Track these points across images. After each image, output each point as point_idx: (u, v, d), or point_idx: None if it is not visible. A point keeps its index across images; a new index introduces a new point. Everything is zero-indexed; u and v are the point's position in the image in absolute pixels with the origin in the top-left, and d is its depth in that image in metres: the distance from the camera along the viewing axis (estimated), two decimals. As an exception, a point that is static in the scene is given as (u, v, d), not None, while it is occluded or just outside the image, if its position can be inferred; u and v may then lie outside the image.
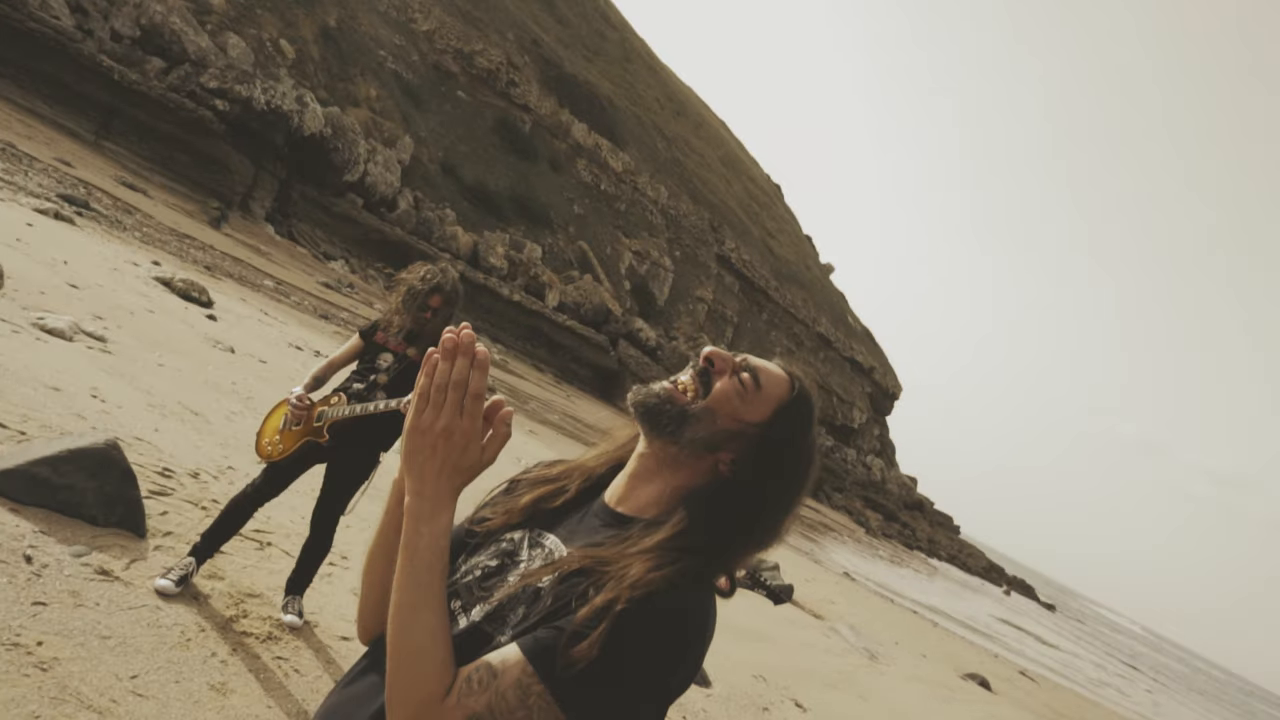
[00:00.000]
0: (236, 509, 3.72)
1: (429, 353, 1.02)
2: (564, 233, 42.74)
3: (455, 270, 3.96)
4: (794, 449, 1.17)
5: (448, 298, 3.76)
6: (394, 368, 3.76)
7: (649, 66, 61.49)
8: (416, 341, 3.77)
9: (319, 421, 3.68)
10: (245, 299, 13.35)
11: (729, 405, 1.15)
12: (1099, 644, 59.68)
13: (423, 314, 3.71)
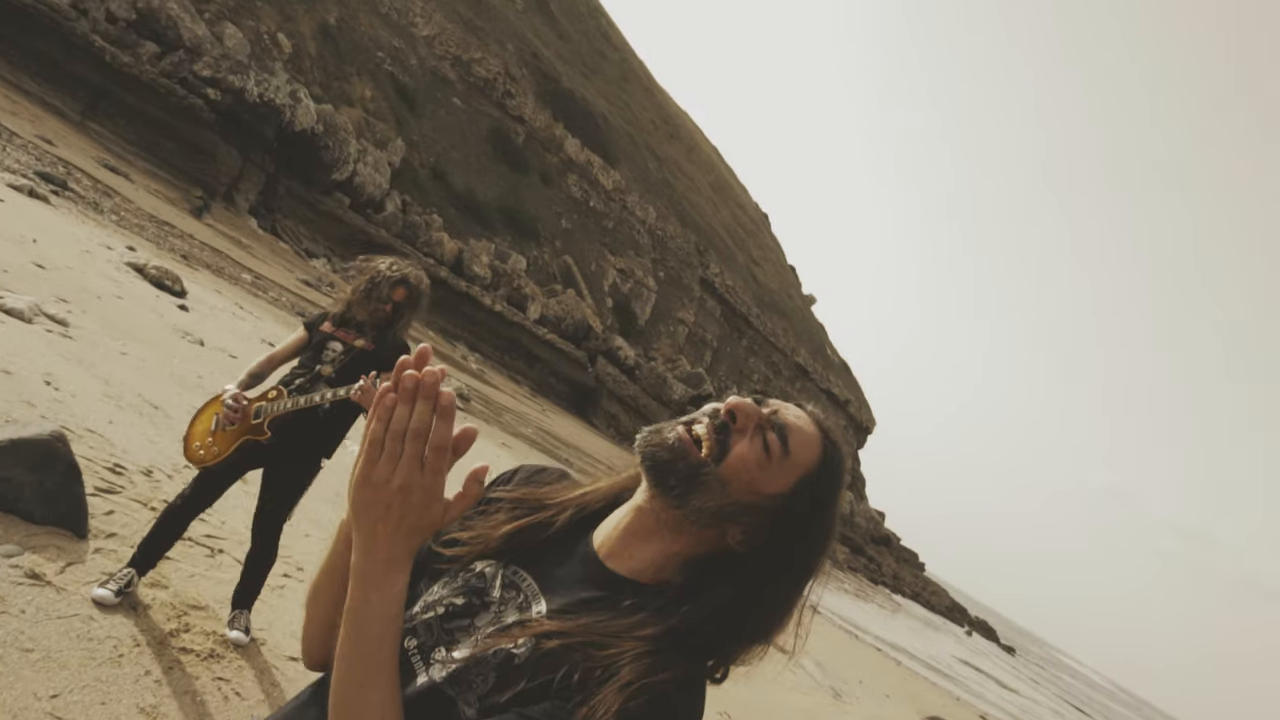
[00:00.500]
0: (169, 520, 3.43)
1: (382, 389, 0.84)
2: (550, 246, 42.61)
3: (423, 270, 3.64)
4: (817, 524, 1.00)
5: (412, 294, 3.47)
6: (340, 358, 3.45)
7: (646, 88, 61.76)
8: (364, 331, 3.47)
9: (258, 418, 3.36)
10: (221, 291, 13.05)
11: (747, 474, 0.98)
12: (1057, 690, 59.81)
13: (383, 306, 3.41)
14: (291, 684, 3.41)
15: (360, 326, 3.48)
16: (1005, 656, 63.78)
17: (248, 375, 3.52)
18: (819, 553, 1.01)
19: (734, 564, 0.98)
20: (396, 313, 3.46)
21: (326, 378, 3.42)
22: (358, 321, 3.48)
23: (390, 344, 3.51)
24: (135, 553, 3.36)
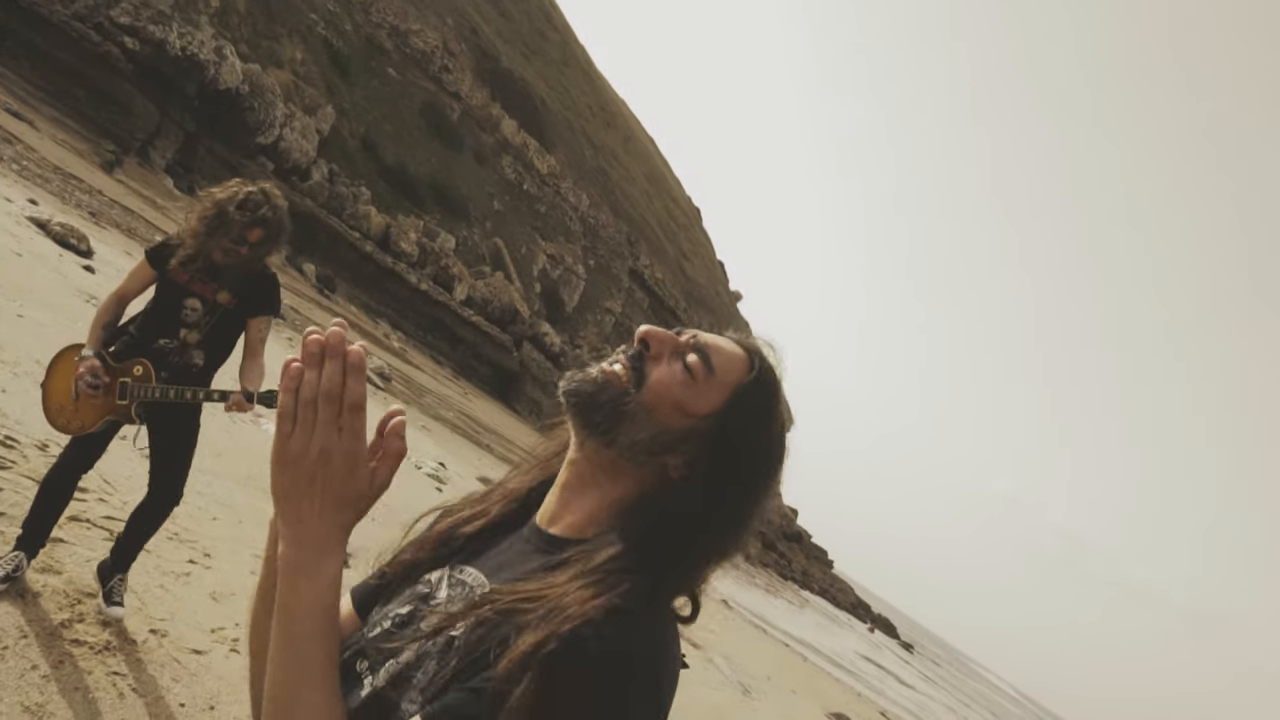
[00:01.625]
0: (49, 489, 3.16)
1: (286, 362, 0.77)
2: (480, 227, 41.97)
3: (282, 197, 3.22)
4: (758, 437, 0.94)
5: (271, 232, 3.09)
6: (205, 320, 3.13)
7: (586, 73, 61.32)
8: (222, 279, 3.11)
9: (124, 399, 3.06)
10: (130, 253, 12.41)
11: (671, 397, 0.92)
12: (953, 688, 62.11)
13: (237, 247, 3.03)
14: (195, 679, 3.22)
15: (218, 273, 3.11)
16: (904, 653, 65.96)
17: (100, 328, 3.16)
18: (768, 463, 0.94)
19: (682, 494, 0.90)
20: (254, 254, 3.09)
21: (195, 345, 3.14)
22: (214, 265, 3.09)
23: (256, 289, 3.18)
24: (20, 533, 3.11)
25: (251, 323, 3.20)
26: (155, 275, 3.18)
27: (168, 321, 3.15)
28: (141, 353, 3.14)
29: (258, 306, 3.20)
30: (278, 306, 3.28)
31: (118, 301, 3.22)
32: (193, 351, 3.17)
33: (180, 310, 3.14)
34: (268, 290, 3.25)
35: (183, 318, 3.15)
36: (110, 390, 3.10)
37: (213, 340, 3.19)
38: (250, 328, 3.21)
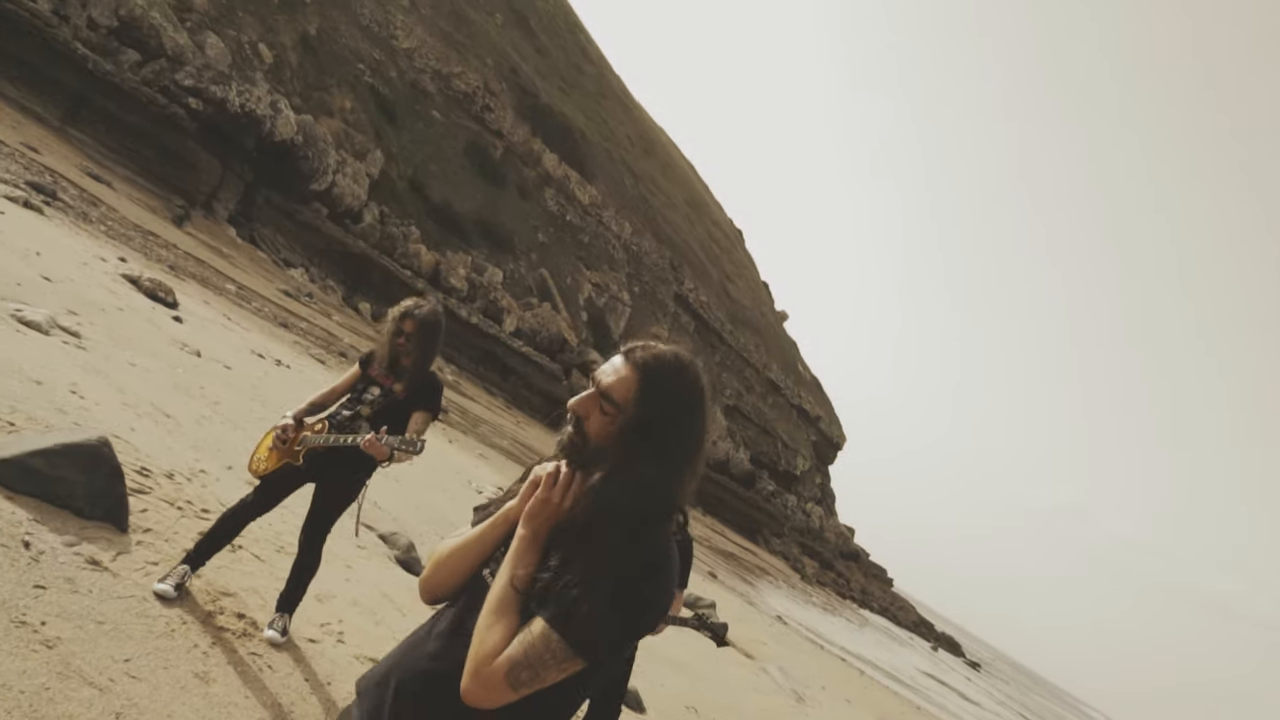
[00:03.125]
0: (229, 521, 3.92)
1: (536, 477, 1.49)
2: (526, 259, 43.04)
3: (438, 304, 4.13)
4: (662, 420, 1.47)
5: (420, 324, 3.88)
6: (378, 400, 3.93)
7: (623, 103, 62.50)
8: (396, 370, 3.93)
9: (300, 446, 3.89)
10: (208, 302, 13.39)
11: (604, 433, 1.47)
12: (1022, 707, 60.74)
13: (397, 339, 3.87)
14: (312, 660, 3.87)
15: (401, 372, 3.93)
16: (971, 672, 64.70)
17: (309, 404, 4.07)
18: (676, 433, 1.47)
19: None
20: (411, 343, 3.87)
21: (366, 418, 3.90)
22: (400, 366, 3.93)
23: (424, 389, 3.97)
24: (191, 550, 3.81)
25: (414, 415, 3.92)
26: (360, 374, 4.03)
27: (353, 402, 3.99)
28: (328, 417, 3.97)
29: (421, 402, 3.95)
30: (438, 408, 4.03)
31: (330, 392, 4.10)
32: (362, 423, 3.89)
33: (364, 393, 3.98)
34: (433, 393, 4.01)
35: (363, 398, 3.98)
36: (291, 444, 3.92)
37: (381, 419, 3.88)
38: (413, 419, 3.92)
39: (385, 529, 6.80)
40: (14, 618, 2.84)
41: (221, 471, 5.74)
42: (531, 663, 1.34)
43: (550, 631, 1.35)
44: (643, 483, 1.43)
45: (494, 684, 1.34)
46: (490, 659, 1.34)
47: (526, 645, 1.35)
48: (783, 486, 61.96)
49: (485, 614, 1.39)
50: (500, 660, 1.34)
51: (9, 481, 3.71)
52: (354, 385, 4.03)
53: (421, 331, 3.91)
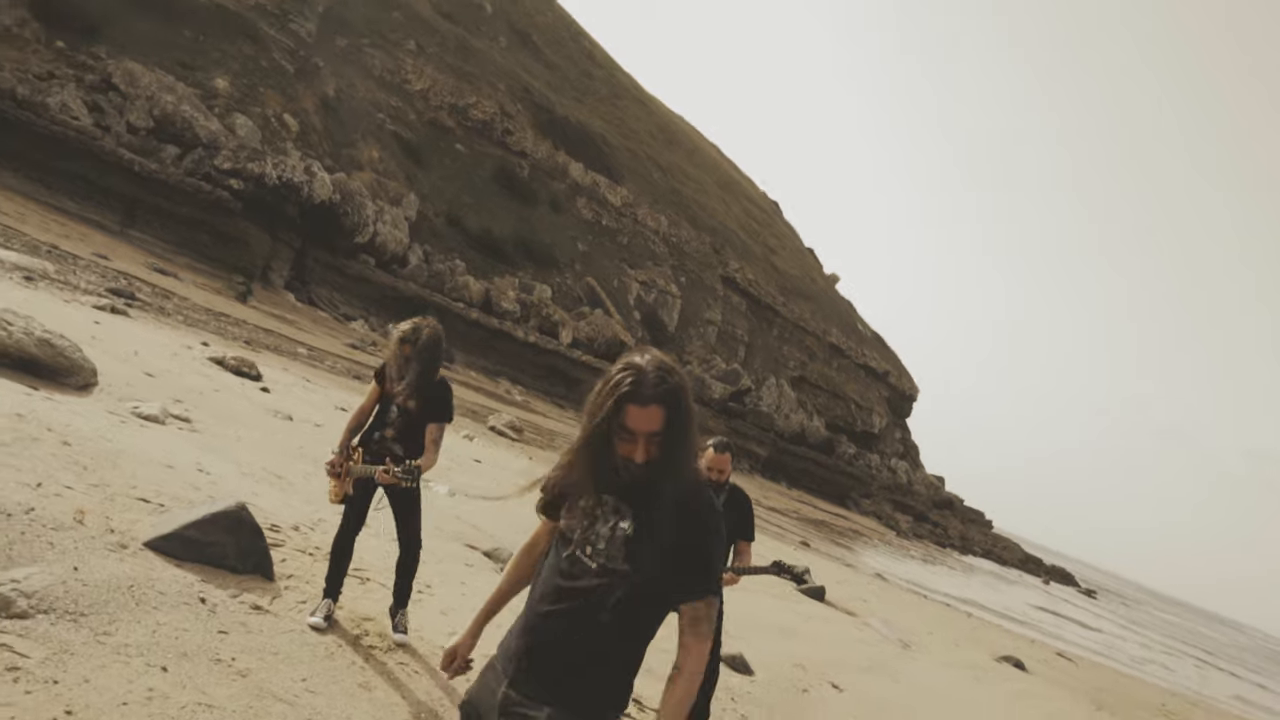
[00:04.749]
0: (337, 546, 4.53)
1: None
2: (571, 271, 43.79)
3: (432, 323, 4.56)
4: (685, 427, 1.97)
5: (418, 347, 4.36)
6: (399, 420, 4.44)
7: (638, 100, 62.87)
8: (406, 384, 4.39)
9: (348, 476, 4.48)
10: (286, 368, 14.27)
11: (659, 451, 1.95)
12: (1145, 626, 59.36)
13: (400, 360, 4.38)
14: (451, 664, 4.45)
15: (407, 387, 4.40)
16: (1087, 600, 63.44)
17: (346, 432, 4.63)
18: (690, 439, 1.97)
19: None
20: (413, 363, 4.36)
21: (392, 439, 4.46)
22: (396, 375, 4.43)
23: (434, 399, 4.45)
24: (325, 586, 4.43)
25: (428, 426, 4.47)
26: (379, 391, 4.58)
27: (380, 422, 4.55)
28: (366, 444, 4.52)
29: (433, 414, 4.48)
30: (448, 414, 4.56)
31: (359, 413, 4.68)
32: (391, 444, 4.48)
33: (387, 414, 4.53)
34: (442, 403, 4.53)
35: (386, 419, 4.53)
36: (345, 472, 4.50)
37: (406, 435, 4.47)
38: (427, 431, 4.47)
39: (487, 546, 7.41)
40: (212, 657, 3.47)
41: (336, 518, 6.39)
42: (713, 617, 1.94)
43: (711, 599, 1.91)
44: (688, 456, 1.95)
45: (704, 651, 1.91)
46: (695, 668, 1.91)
47: (709, 616, 1.91)
48: (863, 447, 61.63)
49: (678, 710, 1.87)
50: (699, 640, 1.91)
51: (174, 552, 4.38)
52: (378, 403, 4.53)
53: (424, 352, 4.40)
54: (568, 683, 1.89)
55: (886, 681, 8.64)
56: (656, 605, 1.94)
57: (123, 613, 3.57)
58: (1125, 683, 19.58)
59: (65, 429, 5.60)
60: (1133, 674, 23.42)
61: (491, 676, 2.03)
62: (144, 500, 4.99)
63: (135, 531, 4.44)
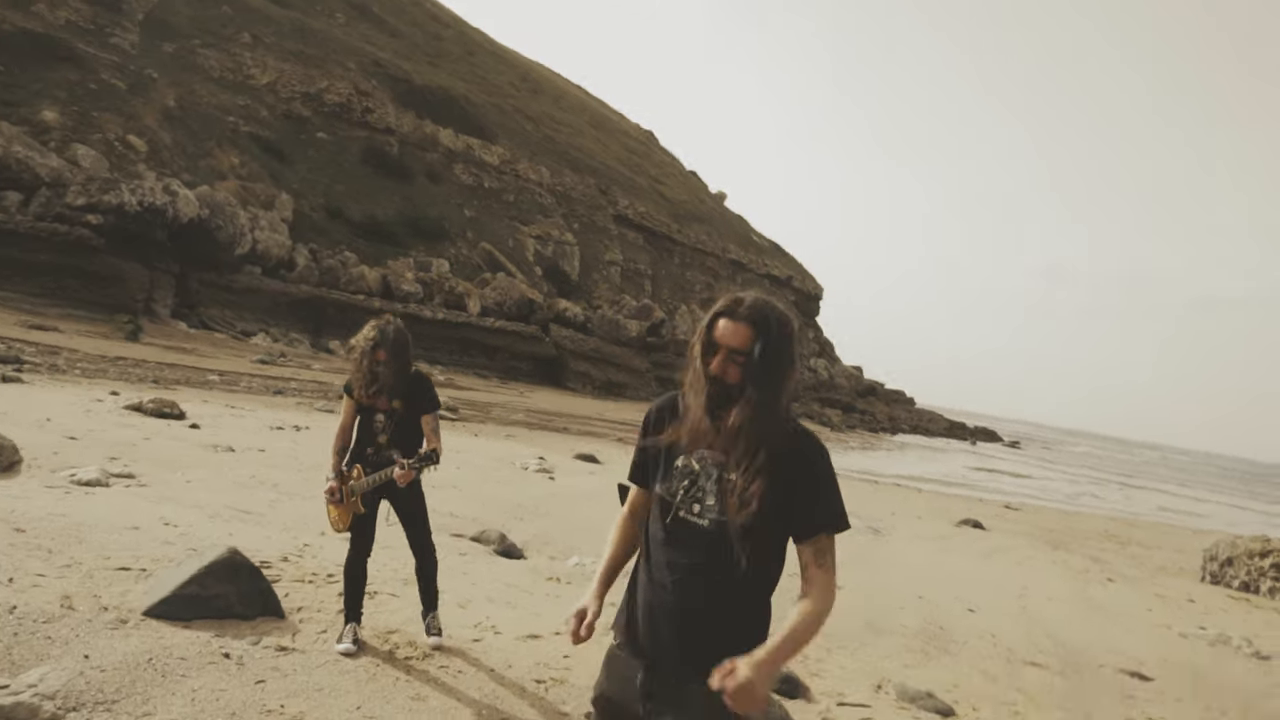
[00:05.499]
0: (350, 573, 4.41)
1: None
2: (464, 240, 42.90)
3: (395, 321, 4.45)
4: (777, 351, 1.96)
5: (391, 348, 4.27)
6: (389, 425, 4.33)
7: (493, 54, 61.21)
8: (391, 392, 4.28)
9: (353, 496, 4.36)
10: (206, 400, 13.68)
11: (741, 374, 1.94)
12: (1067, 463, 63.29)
13: (375, 367, 4.24)
14: (485, 655, 4.45)
15: (388, 390, 4.30)
16: (1012, 452, 67.17)
17: (335, 454, 4.50)
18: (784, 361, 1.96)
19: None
20: (389, 367, 4.25)
21: (387, 446, 4.32)
22: (385, 385, 4.29)
23: (416, 393, 4.36)
24: (345, 611, 4.33)
25: (423, 420, 4.38)
26: (355, 406, 4.41)
27: (368, 434, 4.41)
28: (358, 460, 4.37)
29: (422, 406, 4.39)
30: (436, 403, 4.48)
31: (341, 431, 4.51)
32: (385, 451, 4.35)
33: (373, 424, 4.39)
34: (426, 392, 4.44)
35: (375, 429, 4.39)
36: (346, 496, 4.35)
37: (400, 437, 4.36)
38: (424, 424, 4.38)
39: (473, 532, 7.36)
40: (260, 709, 3.38)
41: (319, 539, 6.25)
42: (833, 551, 1.97)
43: (828, 539, 1.95)
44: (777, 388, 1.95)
45: (833, 585, 1.96)
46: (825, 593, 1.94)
47: (830, 550, 1.96)
48: (783, 354, 63.00)
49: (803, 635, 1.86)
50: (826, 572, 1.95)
51: (178, 614, 4.21)
52: (356, 417, 4.40)
53: (395, 353, 4.29)
54: (708, 649, 1.87)
55: (869, 571, 9.02)
56: (776, 548, 1.94)
57: (153, 689, 3.44)
58: (1068, 519, 20.94)
59: (12, 515, 5.28)
60: (1072, 509, 25.05)
61: (621, 665, 2.01)
62: (124, 569, 4.77)
63: (130, 603, 4.26)
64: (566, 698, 4.11)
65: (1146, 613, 9.72)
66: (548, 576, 6.48)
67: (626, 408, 34.18)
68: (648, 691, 1.92)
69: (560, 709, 3.99)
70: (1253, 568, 12.93)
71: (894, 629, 6.73)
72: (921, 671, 5.71)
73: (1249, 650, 8.46)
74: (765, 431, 1.90)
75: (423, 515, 4.54)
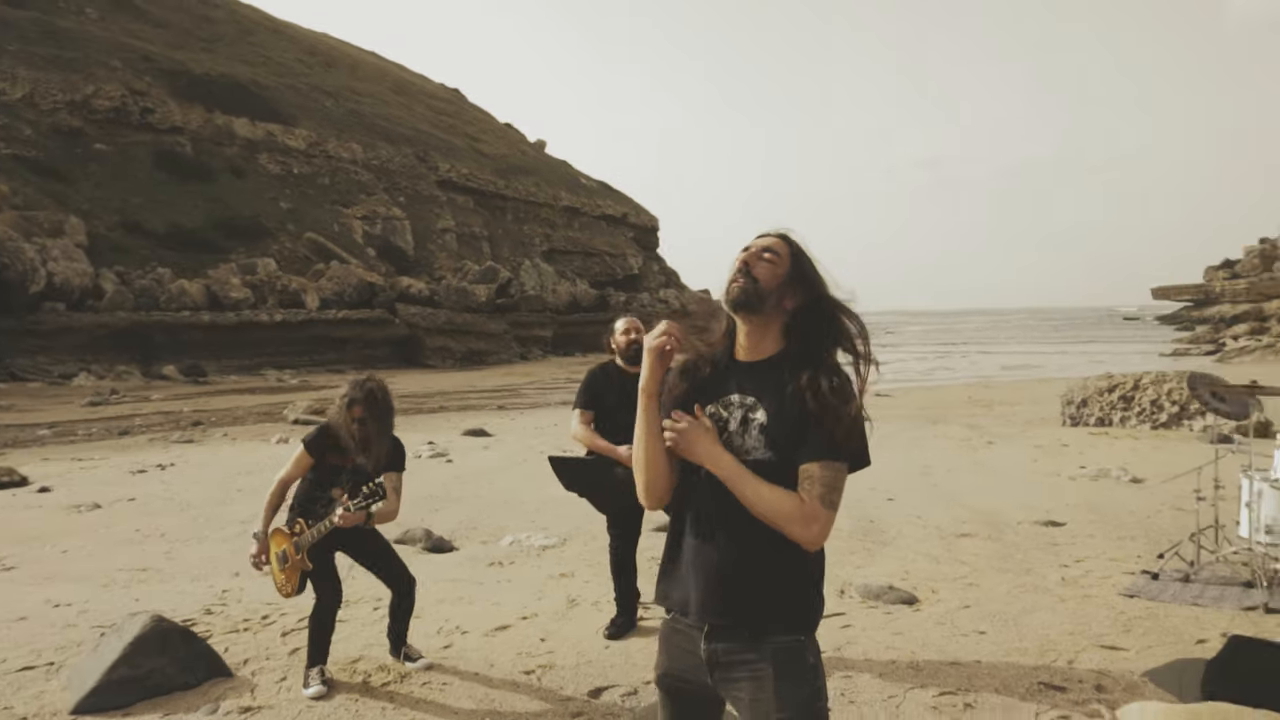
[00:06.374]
0: (318, 622, 3.99)
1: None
2: (286, 233, 40.44)
3: (375, 378, 4.14)
4: (811, 266, 1.88)
5: (368, 404, 3.94)
6: (346, 479, 3.98)
7: (273, 31, 57.17)
8: (371, 452, 3.96)
9: (298, 554, 3.94)
10: (47, 458, 12.37)
11: (771, 278, 1.83)
12: (909, 343, 67.38)
13: (353, 425, 3.94)
14: (461, 657, 4.22)
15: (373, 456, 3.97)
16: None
17: (268, 511, 4.07)
18: (819, 275, 1.87)
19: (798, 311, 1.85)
20: (368, 426, 3.93)
21: (340, 498, 3.91)
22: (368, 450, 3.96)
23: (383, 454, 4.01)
24: (312, 654, 3.96)
25: (386, 475, 3.97)
26: (314, 463, 4.01)
27: (324, 484, 4.02)
28: (304, 515, 3.98)
29: (388, 465, 4.03)
30: (402, 463, 4.15)
31: (281, 487, 4.08)
32: (337, 505, 3.90)
33: (333, 477, 4.02)
34: (396, 452, 4.10)
35: (332, 481, 4.02)
36: (291, 555, 3.97)
37: (356, 491, 3.86)
38: (385, 479, 3.93)
39: (394, 535, 6.98)
40: (252, 783, 3.05)
41: (234, 581, 5.76)
42: (835, 486, 1.72)
43: (833, 461, 1.72)
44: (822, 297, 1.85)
45: (820, 514, 1.70)
46: (803, 504, 1.70)
47: (823, 478, 1.71)
48: (632, 290, 63.44)
49: (756, 488, 1.71)
50: (812, 498, 1.69)
51: (113, 704, 3.75)
52: (316, 469, 4.05)
53: (373, 413, 3.97)
54: (766, 604, 1.77)
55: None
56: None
57: (119, 791, 3.04)
58: (934, 394, 22.33)
59: None
60: (933, 384, 26.72)
61: (679, 639, 1.86)
62: (28, 668, 4.22)
63: (51, 705, 3.77)
64: (563, 682, 3.95)
65: (1033, 464, 10.48)
66: (489, 563, 6.25)
67: (495, 374, 33.64)
68: (716, 661, 1.80)
69: (561, 694, 3.83)
70: (1104, 404, 14.18)
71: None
72: (873, 568, 5.90)
73: (1126, 478, 9.28)
74: (794, 358, 1.81)
75: (386, 549, 4.21)
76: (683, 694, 1.89)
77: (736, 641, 1.79)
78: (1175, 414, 13.48)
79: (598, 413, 4.60)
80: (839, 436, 1.73)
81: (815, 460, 1.72)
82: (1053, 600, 5.14)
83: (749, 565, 1.77)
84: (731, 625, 1.79)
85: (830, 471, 1.72)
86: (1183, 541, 5.87)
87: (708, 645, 1.80)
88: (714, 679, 1.82)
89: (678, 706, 1.90)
